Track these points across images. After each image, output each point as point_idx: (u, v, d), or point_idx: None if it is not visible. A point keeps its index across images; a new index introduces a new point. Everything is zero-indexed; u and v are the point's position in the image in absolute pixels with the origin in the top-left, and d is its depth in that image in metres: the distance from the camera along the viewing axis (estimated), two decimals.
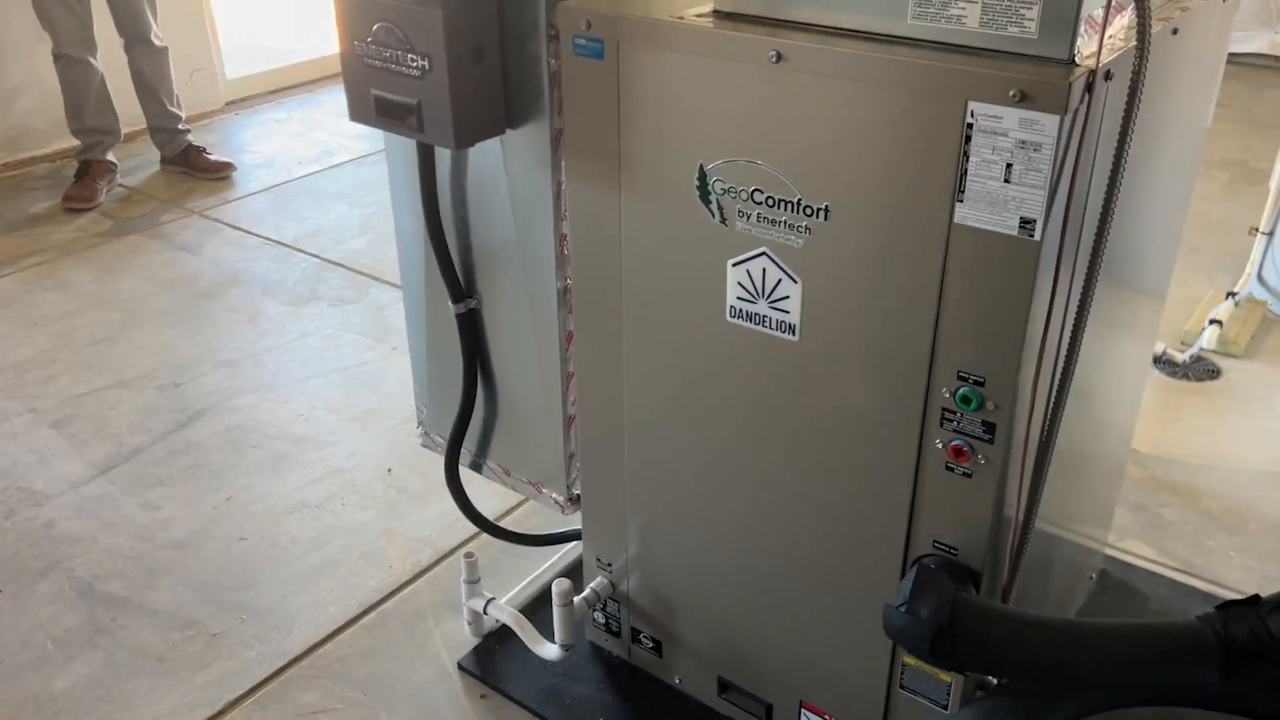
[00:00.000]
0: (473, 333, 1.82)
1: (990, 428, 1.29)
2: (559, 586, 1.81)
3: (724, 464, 1.59)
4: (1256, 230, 3.21)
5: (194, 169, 4.33)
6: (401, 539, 2.37)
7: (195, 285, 3.52)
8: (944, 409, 1.32)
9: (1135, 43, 1.15)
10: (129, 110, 4.25)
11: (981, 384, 1.28)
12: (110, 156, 4.20)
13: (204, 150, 4.37)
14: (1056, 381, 1.32)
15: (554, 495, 1.87)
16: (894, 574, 1.46)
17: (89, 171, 4.12)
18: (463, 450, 1.94)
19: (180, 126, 4.33)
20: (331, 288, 3.50)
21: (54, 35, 3.93)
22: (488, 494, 2.30)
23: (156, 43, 4.14)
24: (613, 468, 1.74)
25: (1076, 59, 1.13)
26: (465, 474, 1.95)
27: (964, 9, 1.17)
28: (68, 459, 2.65)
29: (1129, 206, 1.44)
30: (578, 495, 1.85)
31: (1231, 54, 1.89)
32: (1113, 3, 1.15)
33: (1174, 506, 2.42)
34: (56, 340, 3.19)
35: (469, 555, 1.97)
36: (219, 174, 4.33)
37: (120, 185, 4.26)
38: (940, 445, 1.34)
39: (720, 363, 1.51)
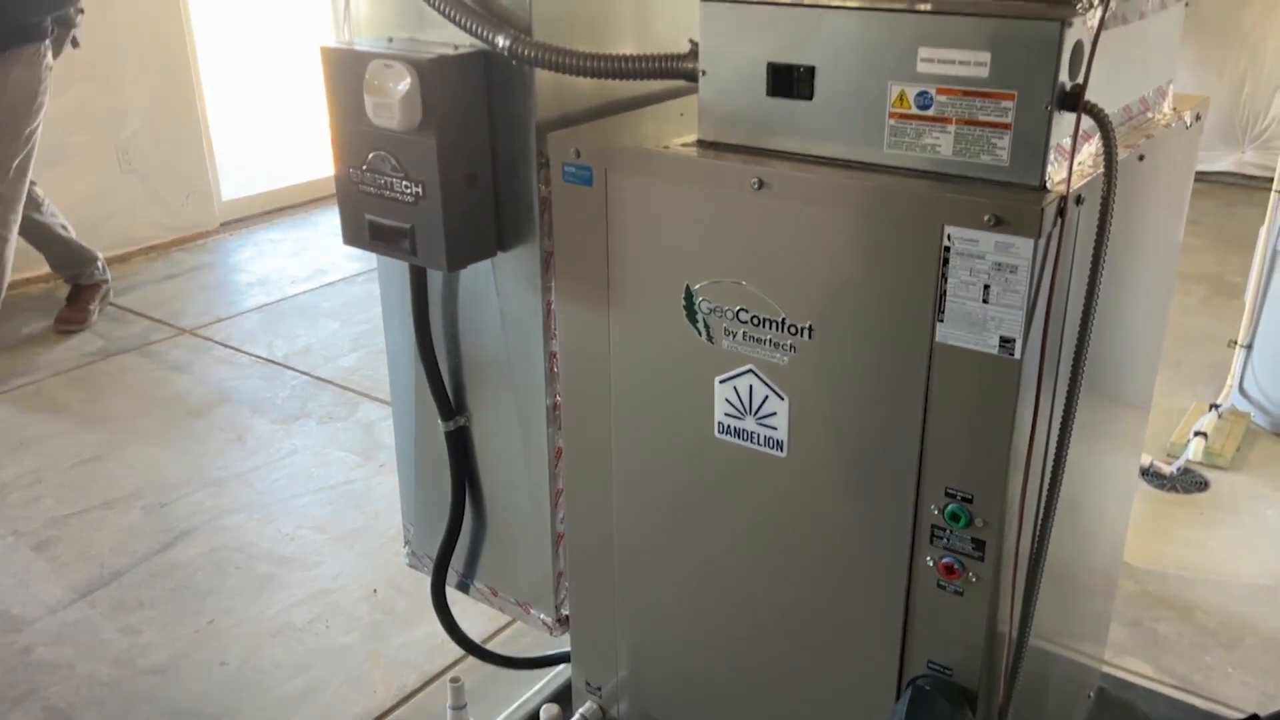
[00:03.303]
0: (462, 450, 1.82)
1: (980, 545, 1.29)
2: (547, 712, 1.77)
3: (715, 583, 1.58)
4: (1235, 343, 3.26)
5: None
6: (387, 662, 2.32)
7: (184, 404, 3.53)
8: (933, 526, 1.32)
9: (1103, 169, 1.20)
10: (115, 230, 4.30)
11: (970, 500, 1.28)
12: (99, 275, 4.23)
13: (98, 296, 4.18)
14: (1044, 496, 1.32)
15: (542, 616, 1.84)
16: (889, 695, 1.44)
17: (80, 294, 4.16)
18: (450, 570, 1.92)
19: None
20: (321, 405, 3.51)
21: None
22: (475, 614, 2.26)
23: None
24: (602, 586, 1.72)
25: (1048, 185, 1.18)
26: (452, 594, 1.93)
27: (938, 139, 1.22)
28: (48, 582, 2.61)
29: (1107, 322, 1.47)
30: (566, 616, 1.83)
31: (1201, 172, 1.96)
32: (1080, 132, 1.19)
33: (1169, 621, 2.39)
34: (42, 461, 3.17)
35: (455, 680, 1.92)
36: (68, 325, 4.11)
37: (112, 305, 4.29)
38: (931, 563, 1.34)
39: (710, 479, 1.52)
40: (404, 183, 1.53)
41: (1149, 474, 2.94)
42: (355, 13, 1.68)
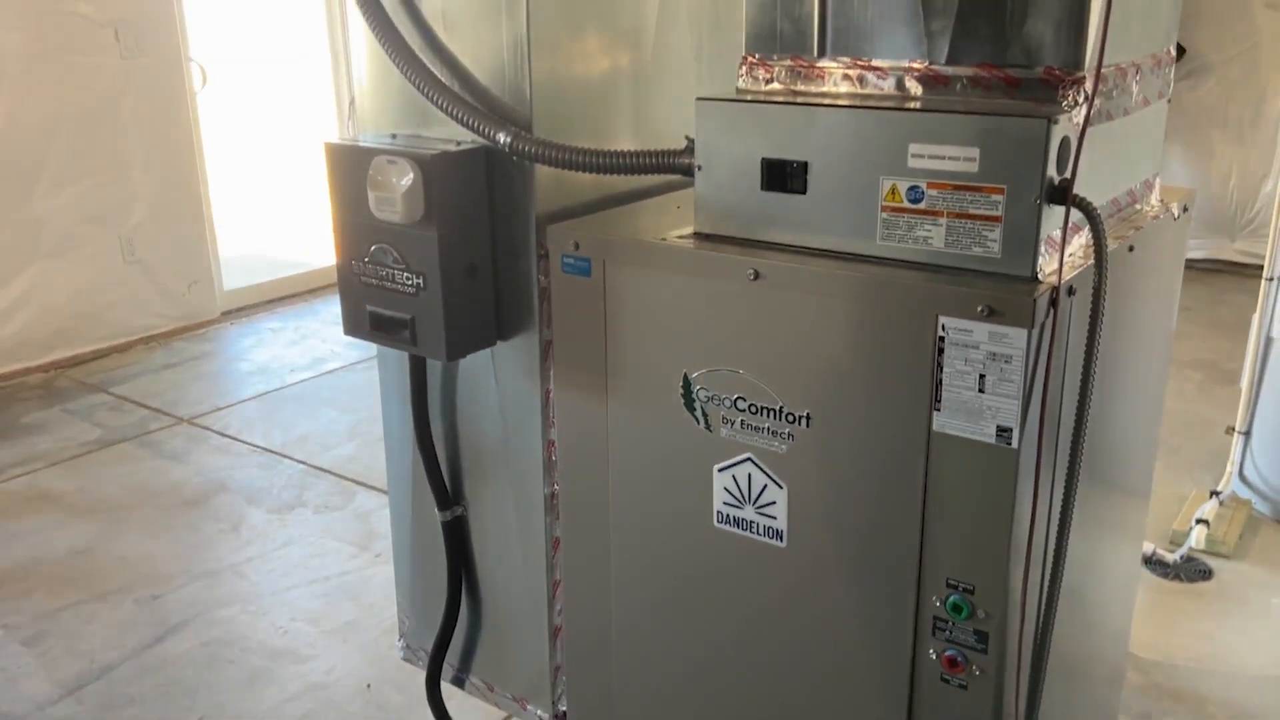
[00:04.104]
0: (458, 540, 1.81)
1: (983, 637, 1.28)
2: None
3: (716, 675, 1.55)
4: (1233, 429, 3.26)
5: None
6: None
7: (180, 494, 3.50)
8: (935, 618, 1.30)
9: (1094, 261, 1.22)
10: (116, 319, 4.32)
11: (971, 591, 1.27)
12: None
13: None
14: (1046, 586, 1.31)
15: (539, 712, 1.81)
16: None
17: None
18: (445, 664, 1.89)
19: None
20: (317, 494, 3.49)
21: None
22: (470, 710, 2.21)
23: None
24: (600, 680, 1.69)
25: (1039, 276, 1.20)
26: (447, 689, 1.89)
27: (930, 231, 1.24)
28: (36, 678, 2.56)
29: (1104, 410, 1.48)
30: (564, 712, 1.79)
31: (1191, 260, 1.98)
32: (1070, 224, 1.22)
33: (1179, 715, 2.35)
34: (35, 553, 3.14)
35: None
36: None
37: (110, 394, 4.30)
38: (934, 656, 1.32)
39: (709, 570, 1.50)
40: (405, 274, 1.55)
41: (1152, 562, 2.91)
42: (360, 109, 1.73)
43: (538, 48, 1.50)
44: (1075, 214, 1.22)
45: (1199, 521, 3.02)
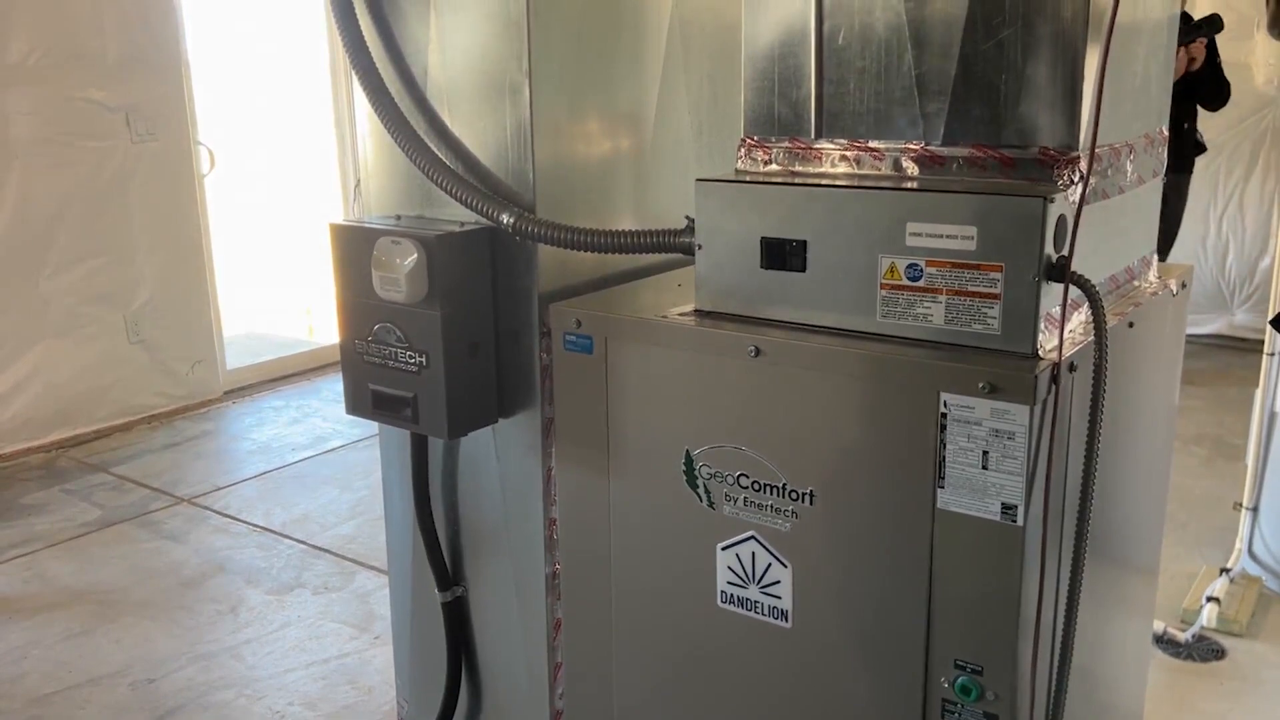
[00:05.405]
0: (458, 622, 1.78)
1: (993, 719, 1.25)
2: None
3: None
4: (1240, 505, 3.23)
5: None
6: None
7: (178, 575, 3.47)
8: (944, 700, 1.28)
9: (1094, 337, 1.22)
10: (117, 399, 4.33)
11: (980, 672, 1.25)
12: None
13: None
14: (1056, 666, 1.29)
15: None
16: None
17: None
18: None
19: None
20: (316, 575, 3.45)
21: None
22: None
23: None
24: None
25: (1040, 353, 1.20)
26: None
27: (929, 308, 1.25)
28: None
29: (1109, 486, 1.47)
30: None
31: (1191, 335, 1.99)
32: (1069, 301, 1.23)
33: None
34: (29, 636, 3.09)
35: None
36: None
37: (111, 474, 4.29)
38: None
39: (713, 651, 1.48)
40: (408, 353, 1.56)
41: (1163, 641, 2.86)
42: (365, 191, 1.75)
43: (540, 131, 1.53)
44: (1074, 291, 1.23)
45: (1210, 599, 2.97)
